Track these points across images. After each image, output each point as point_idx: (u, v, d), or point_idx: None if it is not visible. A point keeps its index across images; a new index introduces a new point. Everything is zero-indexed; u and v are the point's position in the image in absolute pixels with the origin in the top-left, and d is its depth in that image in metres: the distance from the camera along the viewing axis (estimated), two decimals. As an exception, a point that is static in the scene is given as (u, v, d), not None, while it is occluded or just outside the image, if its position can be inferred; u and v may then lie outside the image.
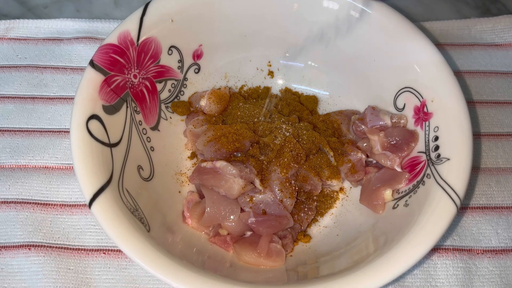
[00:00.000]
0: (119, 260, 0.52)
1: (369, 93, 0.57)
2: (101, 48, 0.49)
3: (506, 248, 0.53)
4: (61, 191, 0.55)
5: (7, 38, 0.67)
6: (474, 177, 0.58)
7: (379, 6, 0.52)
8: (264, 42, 0.60)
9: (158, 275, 0.39)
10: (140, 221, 0.44)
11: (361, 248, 0.46)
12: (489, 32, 0.70)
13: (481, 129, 0.62)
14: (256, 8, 0.56)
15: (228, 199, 0.50)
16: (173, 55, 0.55)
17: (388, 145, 0.51)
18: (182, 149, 0.58)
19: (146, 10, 0.52)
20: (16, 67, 0.65)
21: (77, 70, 0.65)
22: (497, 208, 0.56)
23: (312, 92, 0.63)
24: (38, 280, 0.50)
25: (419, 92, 0.50)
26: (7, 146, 0.58)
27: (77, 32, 0.68)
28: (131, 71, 0.51)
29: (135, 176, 0.49)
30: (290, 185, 0.50)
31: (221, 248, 0.50)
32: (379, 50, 0.54)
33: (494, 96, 0.64)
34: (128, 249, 0.40)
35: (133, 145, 0.50)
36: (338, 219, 0.54)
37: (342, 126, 0.57)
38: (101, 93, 0.47)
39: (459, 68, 0.67)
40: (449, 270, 0.52)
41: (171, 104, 0.58)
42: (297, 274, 0.46)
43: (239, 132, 0.52)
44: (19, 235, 0.53)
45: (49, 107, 0.62)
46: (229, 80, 0.62)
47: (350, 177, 0.54)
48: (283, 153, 0.51)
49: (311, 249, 0.51)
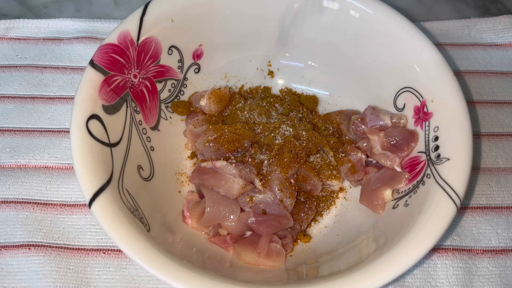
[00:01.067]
0: (119, 260, 0.52)
1: (369, 93, 0.57)
2: (101, 48, 0.49)
3: (506, 248, 0.53)
4: (61, 191, 0.55)
5: (7, 38, 0.67)
6: (474, 177, 0.58)
7: (380, 6, 0.52)
8: (264, 42, 0.60)
9: (158, 275, 0.39)
10: (140, 221, 0.44)
11: (361, 248, 0.46)
12: (489, 32, 0.70)
13: (481, 129, 0.62)
14: (256, 8, 0.56)
15: (228, 199, 0.50)
16: (173, 55, 0.55)
17: (388, 145, 0.51)
18: (182, 149, 0.58)
19: (146, 10, 0.52)
20: (16, 66, 0.65)
21: (77, 70, 0.65)
22: (497, 208, 0.56)
23: (312, 92, 0.63)
24: (38, 279, 0.50)
25: (419, 92, 0.50)
26: (7, 146, 0.58)
27: (77, 32, 0.68)
28: (131, 71, 0.51)
29: (135, 176, 0.49)
30: (290, 185, 0.50)
31: (221, 248, 0.50)
32: (379, 50, 0.54)
33: (494, 96, 0.64)
34: (128, 249, 0.40)
35: (133, 145, 0.50)
36: (338, 219, 0.54)
37: (342, 126, 0.57)
38: (101, 93, 0.47)
39: (459, 68, 0.67)
40: (449, 270, 0.52)
41: (171, 104, 0.58)
42: (297, 274, 0.46)
43: (239, 132, 0.52)
44: (19, 234, 0.53)
45: (49, 107, 0.62)
46: (229, 80, 0.62)
47: (350, 177, 0.54)
48: (283, 153, 0.51)
49: (311, 249, 0.51)
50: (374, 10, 0.52)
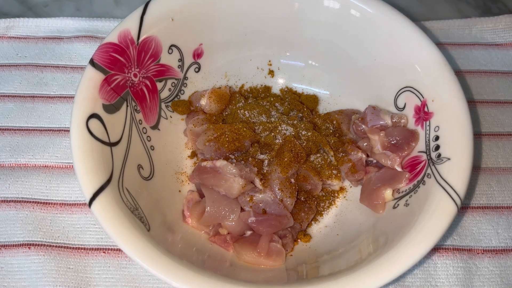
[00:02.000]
0: (119, 259, 0.52)
1: (370, 92, 0.57)
2: (101, 47, 0.49)
3: (506, 248, 0.53)
4: (61, 190, 0.55)
5: (7, 37, 0.67)
6: (474, 177, 0.58)
7: (380, 5, 0.52)
8: (265, 41, 0.60)
9: (158, 275, 0.39)
10: (140, 220, 0.44)
11: (361, 247, 0.46)
12: (490, 31, 0.70)
13: (481, 129, 0.62)
14: (256, 7, 0.56)
15: (228, 199, 0.50)
16: (173, 54, 0.55)
17: (389, 145, 0.51)
18: (182, 148, 0.58)
19: (147, 9, 0.52)
20: (16, 65, 0.65)
21: (77, 69, 0.65)
22: (497, 208, 0.56)
23: (312, 92, 0.63)
24: (38, 279, 0.50)
25: (419, 92, 0.50)
26: (7, 145, 0.58)
27: (77, 31, 0.68)
28: (131, 70, 0.51)
29: (135, 175, 0.49)
30: (290, 185, 0.50)
31: (221, 247, 0.50)
32: (380, 49, 0.54)
33: (494, 96, 0.64)
34: (128, 248, 0.40)
35: (133, 144, 0.50)
36: (338, 218, 0.54)
37: (342, 125, 0.57)
38: (101, 92, 0.47)
39: (460, 68, 0.67)
40: (449, 270, 0.52)
41: (171, 103, 0.58)
42: (297, 274, 0.46)
43: (239, 131, 0.52)
44: (19, 234, 0.52)
45: (49, 106, 0.62)
46: (229, 79, 0.62)
47: (350, 177, 0.54)
48: (283, 152, 0.51)
49: (311, 249, 0.51)
50: (375, 9, 0.52)
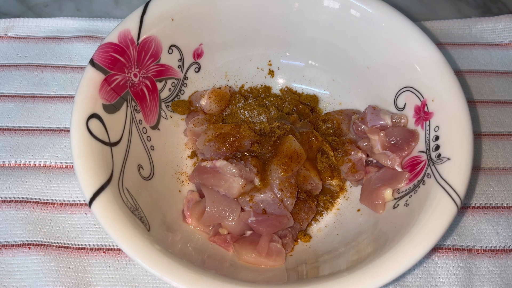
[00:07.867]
0: (119, 259, 0.52)
1: (370, 92, 0.57)
2: (101, 47, 0.49)
3: (506, 248, 0.53)
4: (61, 190, 0.55)
5: (7, 37, 0.67)
6: (474, 177, 0.58)
7: (380, 5, 0.52)
8: (265, 41, 0.60)
9: (158, 274, 0.39)
10: (140, 220, 0.44)
11: (361, 247, 0.46)
12: (489, 31, 0.70)
13: (481, 129, 0.62)
14: (256, 7, 0.56)
15: (228, 199, 0.50)
16: (173, 54, 0.55)
17: (389, 145, 0.51)
18: (182, 148, 0.58)
19: (147, 9, 0.52)
20: (16, 65, 0.65)
21: (77, 69, 0.65)
22: (497, 208, 0.56)
23: (312, 92, 0.63)
24: (38, 279, 0.50)
25: (419, 92, 0.50)
26: (7, 145, 0.58)
27: (77, 30, 0.68)
28: (131, 70, 0.51)
29: (135, 175, 0.49)
30: (290, 185, 0.50)
31: (221, 247, 0.50)
32: (380, 49, 0.54)
33: (494, 96, 0.64)
34: (128, 248, 0.40)
35: (133, 144, 0.50)
36: (338, 218, 0.54)
37: (342, 125, 0.57)
38: (101, 92, 0.47)
39: (460, 68, 0.67)
40: (449, 269, 0.52)
41: (171, 103, 0.58)
42: (297, 274, 0.46)
43: (239, 131, 0.52)
44: (19, 234, 0.53)
45: (49, 106, 0.62)
46: (229, 79, 0.62)
47: (350, 177, 0.54)
48: (283, 152, 0.51)
49: (311, 249, 0.51)
50: (375, 9, 0.52)
